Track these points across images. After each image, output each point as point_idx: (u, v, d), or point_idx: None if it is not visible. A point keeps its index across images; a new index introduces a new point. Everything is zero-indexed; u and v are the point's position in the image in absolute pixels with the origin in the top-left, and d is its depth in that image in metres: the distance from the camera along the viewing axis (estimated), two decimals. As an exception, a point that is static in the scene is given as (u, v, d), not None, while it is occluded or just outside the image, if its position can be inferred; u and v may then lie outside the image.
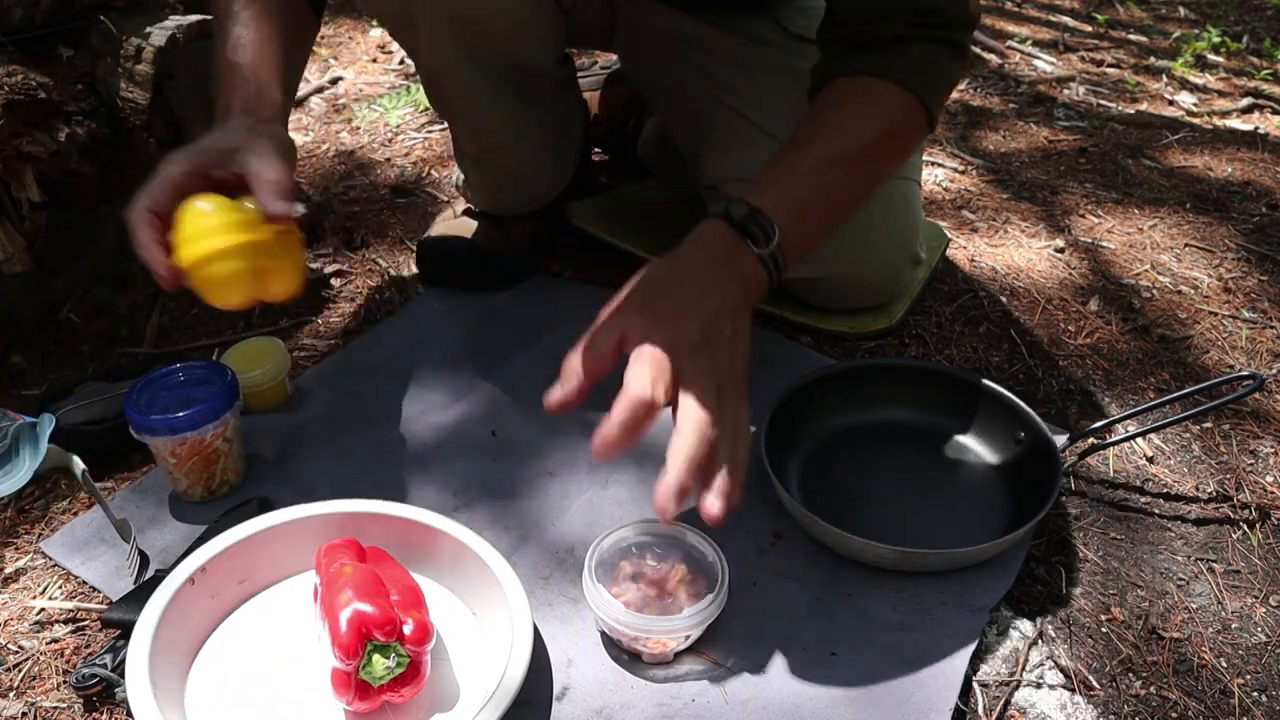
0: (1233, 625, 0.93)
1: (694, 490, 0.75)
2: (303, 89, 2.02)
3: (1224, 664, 0.89)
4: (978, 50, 2.37)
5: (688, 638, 0.86)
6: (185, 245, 0.84)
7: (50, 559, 0.97)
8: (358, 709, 0.78)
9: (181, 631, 0.85)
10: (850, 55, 0.98)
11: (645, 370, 0.76)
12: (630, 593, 0.87)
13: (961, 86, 2.18)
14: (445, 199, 1.62)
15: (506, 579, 0.86)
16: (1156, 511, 1.05)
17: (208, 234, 0.84)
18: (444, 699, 0.82)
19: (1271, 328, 1.34)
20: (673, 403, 0.77)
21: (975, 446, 1.10)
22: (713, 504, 0.75)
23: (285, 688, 0.83)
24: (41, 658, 0.88)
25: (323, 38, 2.35)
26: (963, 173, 1.76)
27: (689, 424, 0.75)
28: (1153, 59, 2.47)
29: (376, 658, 0.76)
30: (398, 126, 1.87)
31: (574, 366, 0.81)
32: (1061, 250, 1.51)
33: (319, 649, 0.82)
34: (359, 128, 1.88)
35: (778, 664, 0.87)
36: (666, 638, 0.84)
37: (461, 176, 1.38)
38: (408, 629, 0.77)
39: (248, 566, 0.91)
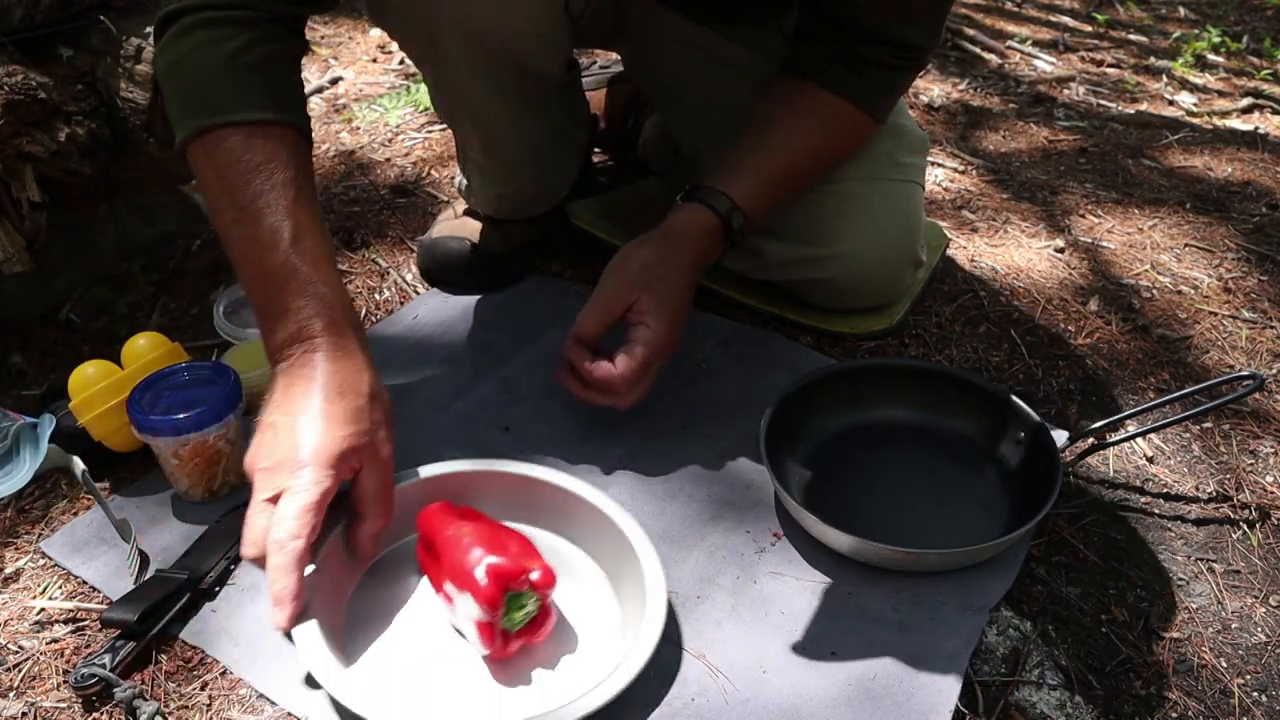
0: (1233, 625, 0.93)
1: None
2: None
3: (1224, 664, 0.89)
4: (977, 50, 2.37)
5: None
6: (79, 409, 1.01)
7: (50, 559, 0.97)
8: (499, 655, 0.84)
9: (321, 614, 0.84)
10: (837, 68, 1.11)
11: (634, 367, 1.01)
12: None
13: (961, 86, 2.18)
14: (445, 199, 1.62)
15: (617, 516, 0.92)
16: (1156, 511, 1.05)
17: (96, 397, 1.01)
18: (565, 640, 0.88)
19: (1271, 328, 1.34)
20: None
21: (975, 446, 1.10)
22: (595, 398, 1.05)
23: (419, 645, 0.88)
24: (41, 658, 0.88)
25: (322, 38, 2.35)
26: (963, 173, 1.76)
27: (617, 384, 1.01)
28: (1153, 59, 2.47)
29: (513, 605, 0.82)
30: (398, 126, 1.87)
31: (589, 321, 1.03)
32: (1061, 250, 1.51)
33: (437, 610, 0.89)
34: (359, 128, 1.88)
35: (778, 664, 0.87)
36: None
37: (464, 182, 1.37)
38: (534, 575, 0.83)
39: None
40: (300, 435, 0.80)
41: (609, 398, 1.03)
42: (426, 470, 0.96)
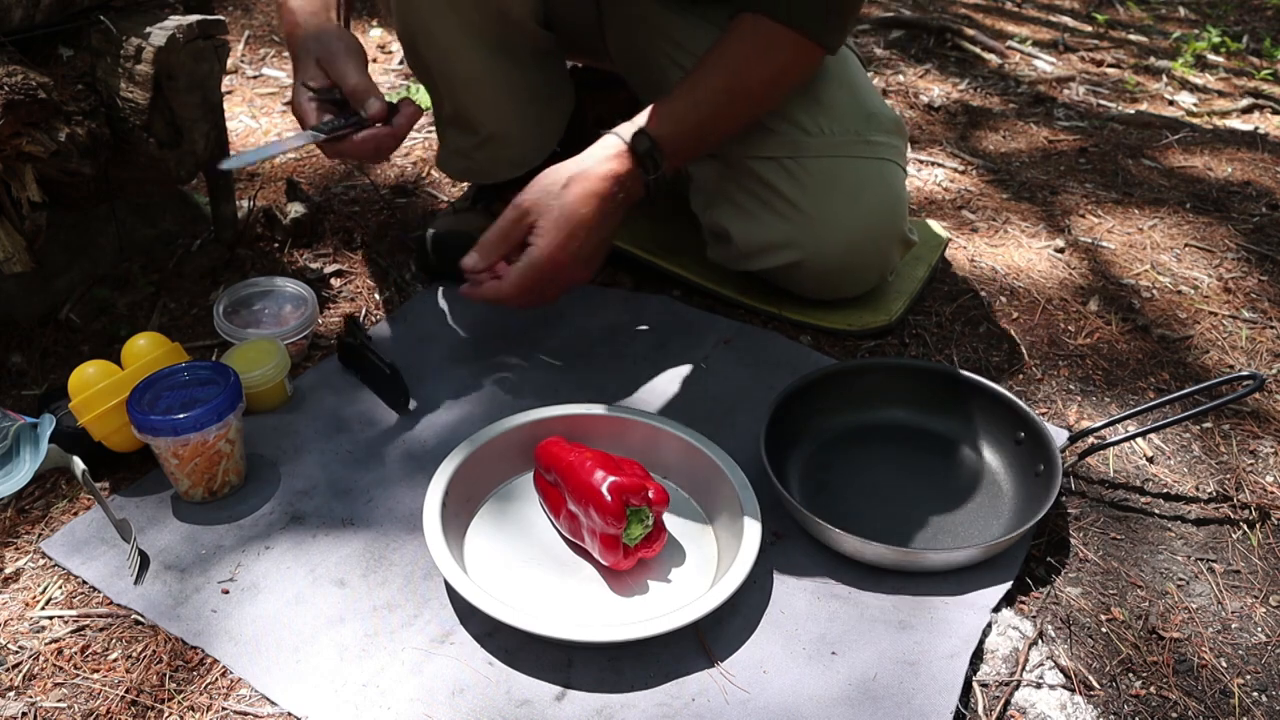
0: (1233, 625, 0.93)
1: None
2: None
3: (1224, 664, 0.89)
4: (977, 50, 2.37)
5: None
6: (79, 409, 1.01)
7: (50, 559, 0.97)
8: (619, 567, 0.93)
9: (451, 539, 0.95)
10: None
11: (514, 281, 1.09)
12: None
13: (961, 86, 2.18)
14: (445, 199, 1.62)
15: (706, 448, 1.01)
16: (1156, 511, 1.05)
17: (96, 397, 1.01)
18: (674, 556, 0.97)
19: (1271, 328, 1.34)
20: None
21: (975, 446, 1.10)
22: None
23: (541, 565, 0.97)
24: (41, 658, 0.88)
25: (323, 38, 2.35)
26: (963, 173, 1.76)
27: (507, 292, 1.10)
28: (1153, 59, 2.47)
29: (633, 520, 0.91)
30: (398, 126, 1.87)
31: (488, 243, 1.11)
32: (1061, 250, 1.51)
33: (553, 534, 0.99)
34: (359, 128, 1.87)
35: (777, 663, 0.87)
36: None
37: (440, 147, 1.37)
38: (650, 493, 0.91)
39: (470, 485, 1.01)
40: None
41: (500, 301, 1.11)
42: (534, 414, 1.05)
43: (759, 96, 1.16)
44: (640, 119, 1.11)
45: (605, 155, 1.09)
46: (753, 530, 0.93)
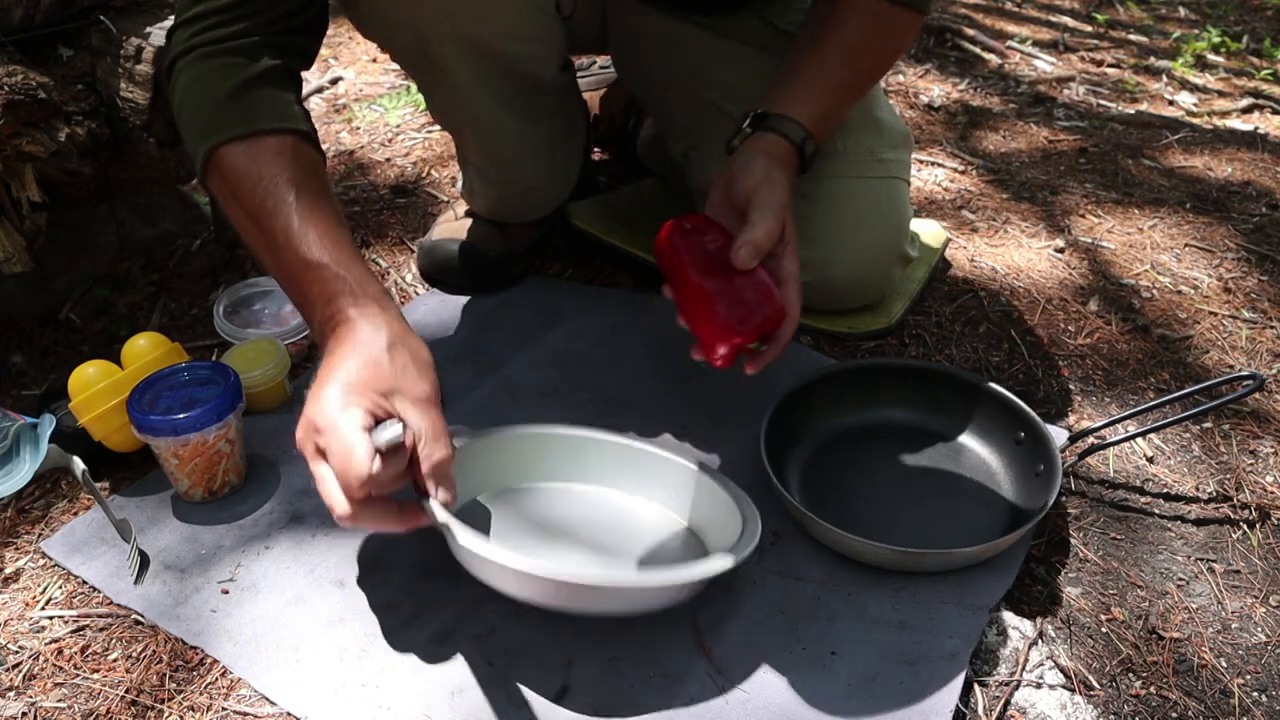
0: (1233, 625, 0.93)
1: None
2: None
3: (1224, 664, 0.89)
4: (977, 50, 2.37)
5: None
6: (79, 409, 1.01)
7: (50, 559, 0.97)
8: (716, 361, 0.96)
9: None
10: None
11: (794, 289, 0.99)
12: None
13: (961, 86, 2.18)
14: (445, 199, 1.62)
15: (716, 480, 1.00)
16: (1156, 511, 1.05)
17: (96, 397, 1.01)
18: (672, 556, 0.97)
19: (1271, 328, 1.34)
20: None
21: (975, 446, 1.10)
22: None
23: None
24: (41, 658, 0.88)
25: (323, 38, 2.35)
26: (963, 173, 1.76)
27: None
28: (1153, 59, 2.47)
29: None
30: (398, 126, 1.87)
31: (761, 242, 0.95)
32: (1061, 250, 1.51)
33: (554, 532, 0.98)
34: (359, 128, 1.88)
35: (778, 663, 0.87)
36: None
37: (466, 184, 1.37)
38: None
39: (470, 485, 0.99)
40: (319, 400, 0.83)
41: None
42: (534, 428, 1.05)
43: (877, 75, 1.17)
44: (799, 117, 1.02)
45: (786, 157, 1.01)
46: (752, 530, 0.93)
